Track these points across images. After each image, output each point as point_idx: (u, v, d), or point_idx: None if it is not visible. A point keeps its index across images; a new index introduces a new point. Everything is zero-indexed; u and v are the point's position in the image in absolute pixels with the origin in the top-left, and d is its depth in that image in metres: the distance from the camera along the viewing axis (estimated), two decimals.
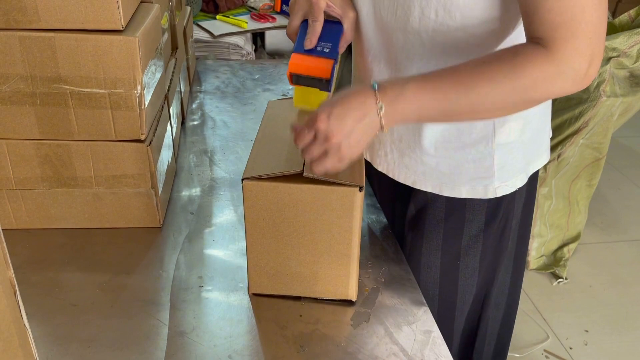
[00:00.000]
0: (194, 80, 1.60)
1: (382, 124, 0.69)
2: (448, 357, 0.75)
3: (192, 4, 2.00)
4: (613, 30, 1.96)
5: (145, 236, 0.95)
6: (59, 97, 0.84)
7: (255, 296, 0.83)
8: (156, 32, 0.97)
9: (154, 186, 0.93)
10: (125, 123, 0.87)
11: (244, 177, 0.74)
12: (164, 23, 1.10)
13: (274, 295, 0.83)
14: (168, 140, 1.04)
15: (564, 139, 1.99)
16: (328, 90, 0.82)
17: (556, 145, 2.02)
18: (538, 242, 2.20)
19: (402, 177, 0.95)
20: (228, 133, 1.31)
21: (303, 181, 0.73)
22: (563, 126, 1.97)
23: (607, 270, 2.27)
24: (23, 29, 0.80)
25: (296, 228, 0.76)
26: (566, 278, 2.20)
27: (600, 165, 2.07)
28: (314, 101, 0.82)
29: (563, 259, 2.21)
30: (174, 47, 1.25)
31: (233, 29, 2.02)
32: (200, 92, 1.53)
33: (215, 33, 1.97)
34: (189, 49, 1.50)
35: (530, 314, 2.04)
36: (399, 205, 1.01)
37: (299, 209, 0.75)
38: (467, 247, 0.96)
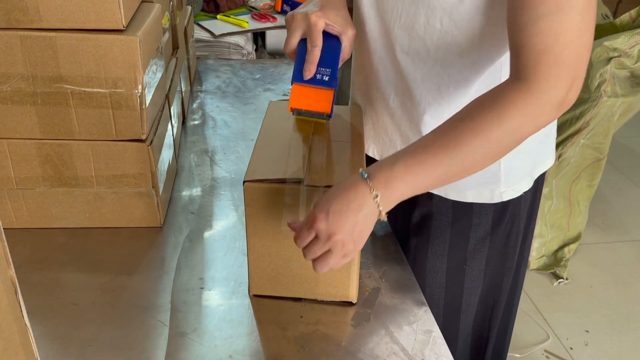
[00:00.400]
0: (195, 79, 1.60)
1: (381, 210, 0.67)
2: (448, 357, 0.75)
3: (193, 4, 2.00)
4: (614, 30, 1.96)
5: (146, 236, 0.95)
6: (60, 97, 0.84)
7: (255, 298, 0.83)
8: (157, 32, 0.97)
9: (155, 186, 0.93)
10: (126, 123, 0.87)
11: (246, 180, 0.74)
12: (165, 23, 1.10)
13: (275, 296, 0.83)
14: (169, 139, 1.04)
15: (565, 139, 1.99)
16: (329, 119, 0.84)
17: (557, 145, 2.02)
18: (538, 243, 2.20)
19: None
20: (229, 133, 1.31)
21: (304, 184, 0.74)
22: (564, 126, 1.97)
23: (608, 270, 2.27)
24: (24, 29, 0.80)
25: None
26: (567, 278, 2.20)
27: (601, 165, 2.07)
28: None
29: (564, 259, 2.21)
30: (175, 47, 1.25)
31: (234, 29, 2.02)
32: (201, 92, 1.53)
33: (216, 33, 1.97)
34: (190, 49, 1.50)
35: (530, 314, 2.04)
36: (403, 211, 1.01)
37: (300, 211, 0.75)
38: (474, 251, 0.96)
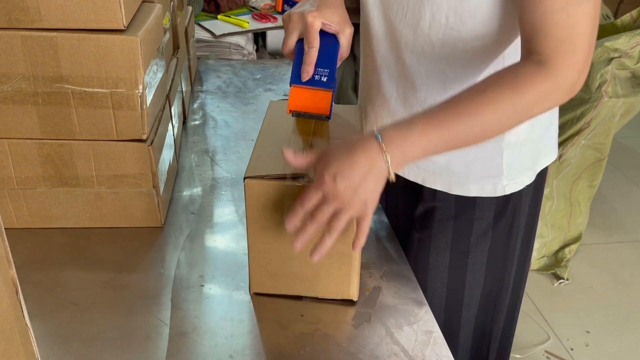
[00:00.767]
0: (196, 80, 1.60)
1: (390, 172, 0.68)
2: (449, 358, 0.75)
3: (194, 4, 2.00)
4: (615, 31, 1.96)
5: (146, 236, 0.95)
6: (61, 97, 0.84)
7: (256, 296, 0.83)
8: (158, 32, 0.97)
9: (156, 186, 0.93)
10: (126, 123, 0.87)
11: (246, 176, 0.74)
12: (166, 23, 1.10)
13: (275, 294, 0.83)
14: (169, 140, 1.05)
15: (566, 140, 1.99)
16: (328, 119, 0.84)
17: (558, 145, 2.02)
18: (539, 243, 2.20)
19: (412, 176, 0.95)
20: (229, 133, 1.31)
21: (305, 180, 0.74)
22: (565, 127, 1.97)
23: (609, 271, 2.27)
24: (25, 29, 0.80)
25: None
26: (567, 279, 2.20)
27: (601, 165, 2.07)
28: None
29: (564, 260, 2.21)
30: (176, 47, 1.26)
31: (234, 29, 2.02)
32: (201, 92, 1.53)
33: (216, 33, 1.97)
34: (191, 49, 1.50)
35: (531, 315, 2.04)
36: (405, 205, 1.02)
37: None
38: (475, 245, 0.97)
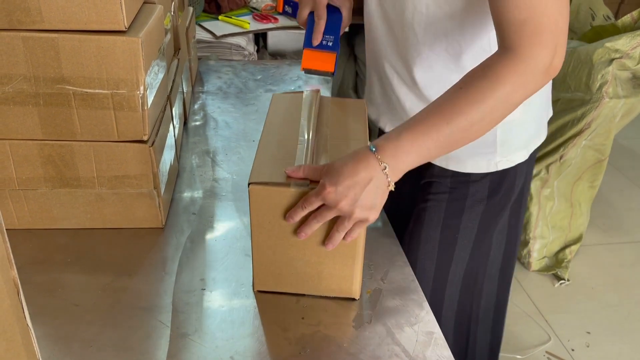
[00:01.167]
0: (196, 80, 1.60)
1: (389, 181, 0.72)
2: (450, 358, 0.75)
3: (195, 5, 2.00)
4: (616, 31, 1.96)
5: (147, 237, 0.95)
6: (62, 98, 0.84)
7: (257, 297, 0.83)
8: (159, 33, 0.97)
9: (157, 187, 0.93)
10: (127, 123, 0.87)
11: (250, 182, 0.74)
12: (167, 24, 1.10)
13: (278, 292, 0.83)
14: (170, 140, 1.05)
15: (566, 141, 1.99)
16: (332, 76, 0.99)
17: (558, 146, 2.02)
18: (540, 244, 2.20)
19: None
20: (230, 134, 1.31)
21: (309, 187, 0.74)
22: (565, 127, 1.97)
23: (609, 272, 2.27)
24: (26, 30, 0.80)
25: None
26: (568, 279, 2.19)
27: (602, 166, 2.07)
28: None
29: (565, 261, 2.21)
30: (177, 48, 1.26)
31: (235, 30, 2.02)
32: (202, 93, 1.53)
33: (217, 34, 1.97)
34: (192, 50, 1.50)
35: (532, 315, 2.04)
36: (406, 182, 1.04)
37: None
38: (467, 221, 1.01)
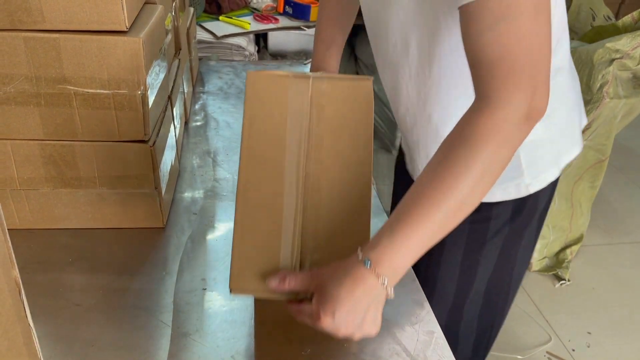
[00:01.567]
0: (197, 81, 1.61)
1: (389, 292, 0.66)
2: (451, 358, 0.75)
3: (196, 5, 2.00)
4: (616, 32, 1.96)
5: (148, 237, 0.96)
6: (63, 98, 0.84)
7: (258, 298, 0.83)
8: (160, 33, 0.97)
9: (158, 187, 0.93)
10: (128, 124, 0.87)
11: (232, 288, 0.71)
12: (168, 24, 1.11)
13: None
14: (171, 141, 1.05)
15: None
16: None
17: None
18: (540, 244, 2.20)
19: None
20: (231, 134, 1.31)
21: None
22: None
23: (610, 272, 2.27)
24: (28, 30, 0.80)
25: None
26: (569, 280, 2.19)
27: (603, 166, 2.07)
28: None
29: (565, 261, 2.21)
30: (178, 48, 1.26)
31: (236, 30, 2.02)
32: (203, 93, 1.53)
33: (218, 34, 1.97)
34: (192, 50, 1.50)
35: (532, 316, 2.04)
36: None
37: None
38: (491, 242, 0.96)
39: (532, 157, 0.89)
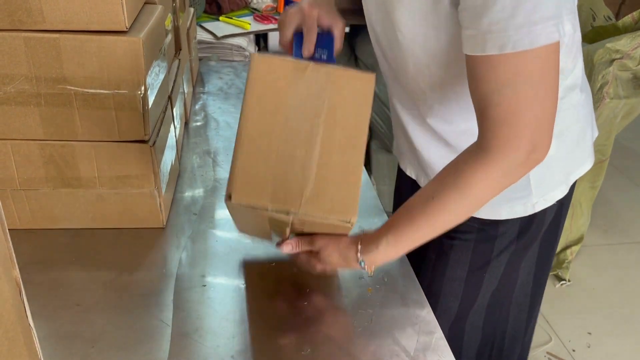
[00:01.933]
0: (197, 81, 1.61)
1: (364, 267, 0.80)
2: (451, 359, 0.75)
3: (196, 6, 2.00)
4: (616, 32, 1.96)
5: (148, 236, 0.96)
6: (64, 98, 0.84)
7: (257, 297, 0.83)
8: (160, 34, 0.97)
9: (158, 187, 0.93)
10: (129, 124, 0.87)
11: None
12: (168, 24, 1.11)
13: (260, 207, 0.72)
14: (171, 141, 1.05)
15: None
16: None
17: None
18: None
19: None
20: (231, 134, 1.31)
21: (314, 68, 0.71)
22: None
23: (610, 272, 2.27)
24: (28, 30, 0.80)
25: (308, 118, 0.71)
26: (569, 280, 2.19)
27: (603, 167, 2.07)
28: None
29: (566, 261, 2.21)
30: (178, 48, 1.26)
31: (236, 31, 2.02)
32: (203, 93, 1.53)
33: (218, 34, 1.97)
34: (192, 50, 1.50)
35: None
36: None
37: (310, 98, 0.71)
38: (495, 259, 0.95)
39: (542, 176, 0.88)
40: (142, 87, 0.85)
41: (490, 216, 0.91)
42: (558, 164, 0.89)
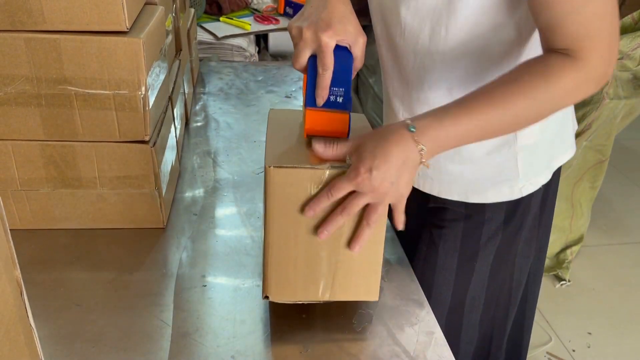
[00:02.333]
0: (198, 81, 1.61)
1: (423, 161, 0.69)
2: (450, 359, 0.75)
3: (196, 6, 2.00)
4: None
5: (149, 237, 0.96)
6: (64, 98, 0.85)
7: (257, 297, 0.83)
8: (160, 34, 0.97)
9: (158, 187, 0.93)
10: (129, 124, 0.87)
11: (269, 165, 0.69)
12: (168, 25, 1.11)
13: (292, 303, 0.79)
14: (172, 141, 1.05)
15: None
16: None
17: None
18: None
19: (427, 188, 0.95)
20: (231, 134, 1.31)
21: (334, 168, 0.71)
22: None
23: (610, 272, 2.27)
24: (28, 31, 0.80)
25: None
26: (569, 280, 2.20)
27: (603, 167, 2.07)
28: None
29: (566, 261, 2.21)
30: (178, 49, 1.26)
31: (236, 31, 2.02)
32: (203, 94, 1.54)
33: (218, 35, 1.97)
34: (193, 51, 1.51)
35: None
36: (415, 205, 1.01)
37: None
38: (485, 247, 0.97)
39: (530, 160, 0.91)
40: (143, 88, 0.85)
41: (477, 200, 0.93)
42: (543, 148, 0.92)
